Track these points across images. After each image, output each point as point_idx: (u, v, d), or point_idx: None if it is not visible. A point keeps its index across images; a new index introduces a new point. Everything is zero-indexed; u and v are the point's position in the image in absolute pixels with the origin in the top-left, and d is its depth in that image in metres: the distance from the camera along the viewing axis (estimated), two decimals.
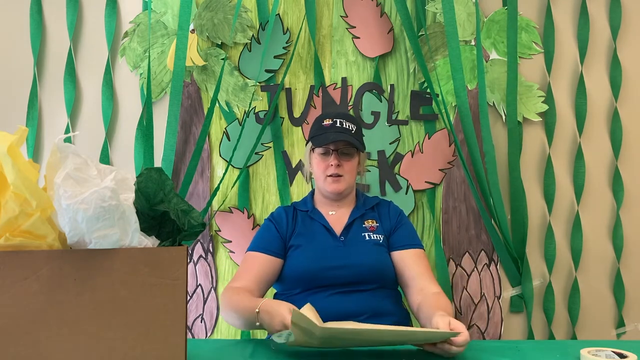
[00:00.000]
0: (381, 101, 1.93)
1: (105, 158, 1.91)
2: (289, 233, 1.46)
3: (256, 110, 1.93)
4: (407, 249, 1.43)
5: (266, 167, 1.93)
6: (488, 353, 1.10)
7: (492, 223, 1.85)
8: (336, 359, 1.05)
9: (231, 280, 1.38)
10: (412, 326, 1.54)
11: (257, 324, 1.16)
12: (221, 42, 1.92)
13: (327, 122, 1.47)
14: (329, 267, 1.37)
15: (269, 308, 1.13)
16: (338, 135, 1.43)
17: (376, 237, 1.44)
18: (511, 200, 1.90)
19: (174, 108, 1.84)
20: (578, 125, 1.94)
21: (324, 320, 1.05)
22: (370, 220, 1.48)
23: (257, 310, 1.15)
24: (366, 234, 1.45)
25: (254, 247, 1.44)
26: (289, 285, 1.41)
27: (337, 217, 1.49)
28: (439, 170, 1.91)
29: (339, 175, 1.45)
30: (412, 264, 1.40)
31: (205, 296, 1.90)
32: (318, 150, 1.47)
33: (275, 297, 1.47)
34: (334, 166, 1.44)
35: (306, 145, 1.58)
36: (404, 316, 1.43)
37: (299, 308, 1.21)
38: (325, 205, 1.52)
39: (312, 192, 1.57)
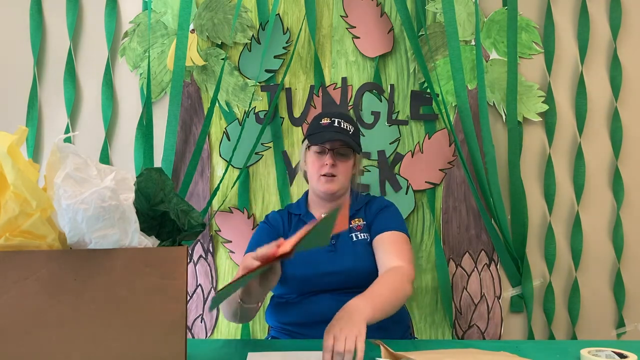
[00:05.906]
0: (381, 101, 1.93)
1: (105, 158, 1.91)
2: (286, 236, 1.45)
3: (256, 110, 1.93)
4: (379, 234, 1.39)
5: (266, 167, 1.93)
6: None
7: (492, 223, 1.85)
8: None
9: None
10: (410, 320, 1.54)
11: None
12: (221, 42, 1.92)
13: (325, 121, 1.46)
14: (320, 273, 1.36)
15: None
16: (335, 134, 1.42)
17: (363, 236, 1.43)
18: (511, 200, 1.89)
19: (174, 108, 1.84)
20: (578, 125, 1.94)
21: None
22: (357, 220, 1.47)
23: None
24: (354, 235, 1.43)
25: (253, 249, 1.42)
26: (285, 290, 1.41)
27: None
28: (439, 170, 1.91)
29: (333, 175, 1.43)
30: (379, 247, 1.37)
31: (205, 296, 1.90)
32: (314, 148, 1.46)
33: (272, 300, 1.47)
34: (328, 165, 1.42)
35: (302, 142, 1.56)
36: (401, 311, 1.42)
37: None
38: (319, 207, 1.51)
39: (307, 193, 1.57)
